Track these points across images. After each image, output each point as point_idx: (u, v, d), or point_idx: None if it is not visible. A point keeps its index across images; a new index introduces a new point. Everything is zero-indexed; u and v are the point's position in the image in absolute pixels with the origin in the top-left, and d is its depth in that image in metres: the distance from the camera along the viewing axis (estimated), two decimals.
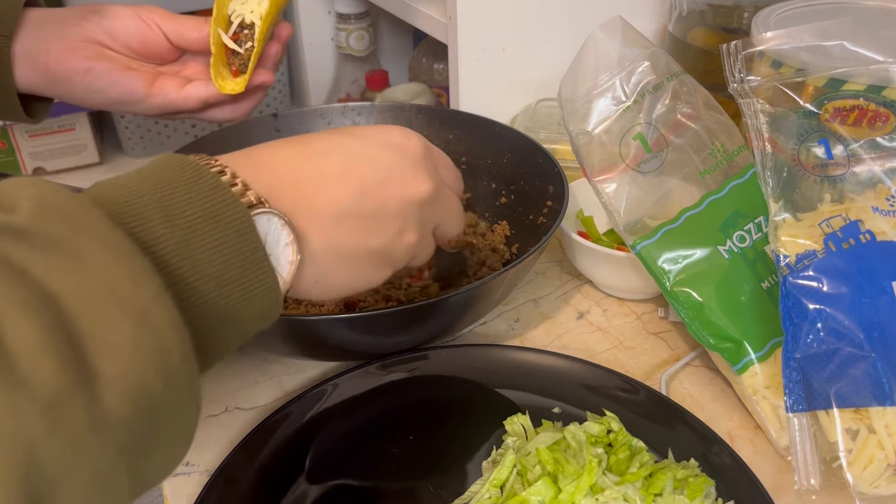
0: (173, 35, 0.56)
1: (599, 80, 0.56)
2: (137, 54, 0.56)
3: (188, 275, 0.27)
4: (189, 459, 0.50)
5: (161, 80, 0.55)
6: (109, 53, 0.54)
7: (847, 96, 0.49)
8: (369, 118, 0.75)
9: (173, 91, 0.55)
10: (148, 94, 0.54)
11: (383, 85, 1.08)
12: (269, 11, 0.55)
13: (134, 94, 0.54)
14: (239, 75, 0.56)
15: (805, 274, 0.45)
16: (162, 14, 0.56)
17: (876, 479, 0.42)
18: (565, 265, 0.69)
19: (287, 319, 0.49)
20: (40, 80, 0.53)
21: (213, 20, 0.55)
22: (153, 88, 0.54)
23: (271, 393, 0.56)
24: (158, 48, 0.56)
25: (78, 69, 0.53)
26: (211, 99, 0.56)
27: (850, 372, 0.43)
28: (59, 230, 0.24)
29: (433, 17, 0.78)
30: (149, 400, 0.23)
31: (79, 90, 0.54)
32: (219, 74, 0.55)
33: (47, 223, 0.24)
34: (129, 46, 0.55)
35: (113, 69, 0.53)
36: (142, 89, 0.54)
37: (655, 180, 0.56)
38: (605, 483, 0.41)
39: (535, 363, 0.53)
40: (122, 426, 0.23)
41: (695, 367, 0.57)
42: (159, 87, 0.55)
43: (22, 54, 0.52)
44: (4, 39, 0.51)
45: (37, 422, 0.20)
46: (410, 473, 0.48)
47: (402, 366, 0.53)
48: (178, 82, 0.55)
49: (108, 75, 0.53)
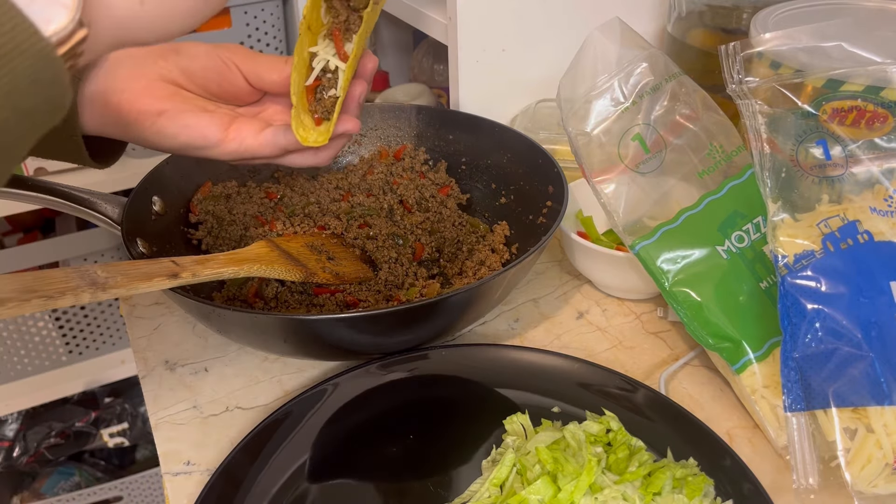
0: (252, 76, 0.52)
1: (598, 81, 0.56)
2: (215, 95, 0.53)
3: None
4: (190, 459, 0.50)
5: (237, 125, 0.51)
6: (185, 94, 0.51)
7: (845, 97, 0.49)
8: (369, 118, 0.76)
9: (250, 137, 0.51)
10: (223, 139, 0.50)
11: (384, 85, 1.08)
12: (354, 55, 0.49)
13: (208, 139, 0.50)
14: (322, 123, 0.51)
15: (803, 274, 0.46)
16: (242, 54, 0.52)
17: (874, 479, 0.43)
18: (565, 265, 0.69)
19: (287, 319, 0.50)
20: (112, 122, 0.50)
21: (294, 66, 0.50)
22: (229, 133, 0.50)
23: (271, 393, 0.56)
24: (237, 90, 0.52)
25: (150, 111, 0.49)
26: (290, 147, 0.51)
27: (849, 371, 0.43)
28: None
29: (433, 18, 0.78)
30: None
31: (150, 133, 0.50)
32: (300, 124, 0.50)
33: None
34: (206, 88, 0.52)
35: (186, 111, 0.50)
36: (217, 134, 0.50)
37: (654, 181, 0.56)
38: (605, 482, 0.42)
39: (535, 363, 0.53)
40: None
41: (694, 367, 0.57)
42: (235, 131, 0.50)
43: (95, 94, 0.49)
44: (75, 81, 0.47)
45: None
46: (410, 473, 0.48)
47: (402, 366, 0.53)
48: (256, 127, 0.51)
49: (182, 118, 0.49)
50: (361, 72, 0.52)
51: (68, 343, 1.23)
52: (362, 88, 0.52)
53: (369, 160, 0.75)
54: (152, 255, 0.58)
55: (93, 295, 0.40)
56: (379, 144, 0.76)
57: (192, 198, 0.67)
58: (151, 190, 0.63)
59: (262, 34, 1.08)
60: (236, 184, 0.70)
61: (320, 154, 0.53)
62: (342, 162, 0.76)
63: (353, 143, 0.76)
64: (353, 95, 0.52)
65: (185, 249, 0.64)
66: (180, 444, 0.52)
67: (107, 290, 0.41)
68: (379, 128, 0.76)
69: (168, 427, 0.53)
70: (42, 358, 1.22)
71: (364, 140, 0.76)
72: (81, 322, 1.22)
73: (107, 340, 1.27)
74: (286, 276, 0.53)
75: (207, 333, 0.62)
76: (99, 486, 1.32)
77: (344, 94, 0.50)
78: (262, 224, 0.66)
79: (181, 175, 0.66)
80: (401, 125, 0.76)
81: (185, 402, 0.55)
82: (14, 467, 1.34)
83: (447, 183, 0.72)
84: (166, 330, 0.62)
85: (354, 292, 0.59)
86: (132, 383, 1.40)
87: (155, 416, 0.54)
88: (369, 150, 0.76)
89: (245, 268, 0.50)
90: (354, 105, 0.52)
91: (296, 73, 0.50)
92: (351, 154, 0.76)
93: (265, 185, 0.71)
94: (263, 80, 0.52)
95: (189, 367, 0.58)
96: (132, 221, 0.58)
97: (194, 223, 0.66)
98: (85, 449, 1.38)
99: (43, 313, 1.17)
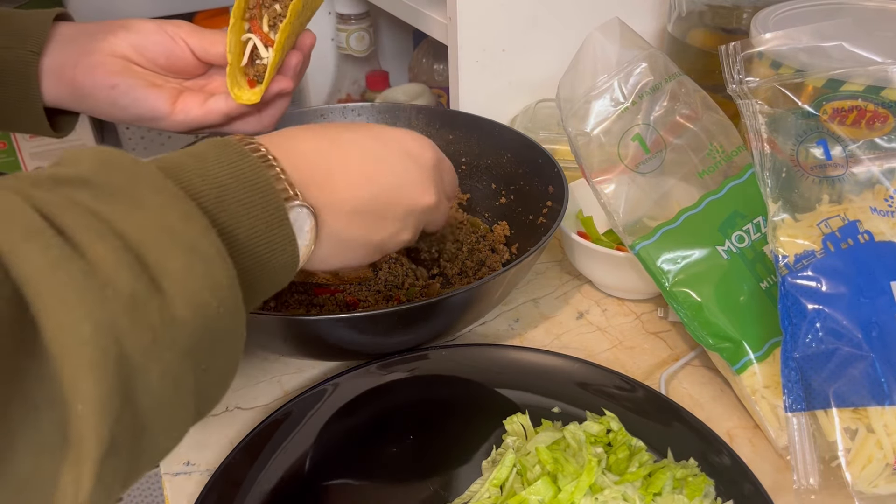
0: (199, 50, 0.56)
1: (598, 81, 0.56)
2: (163, 69, 0.56)
3: (225, 221, 0.32)
4: (189, 459, 0.50)
5: (184, 97, 0.55)
6: (135, 69, 0.54)
7: (846, 97, 0.49)
8: (369, 119, 0.75)
9: (195, 108, 0.55)
10: (171, 111, 0.54)
11: (383, 85, 1.08)
12: (287, 22, 0.53)
13: (156, 112, 0.54)
14: (256, 85, 0.55)
15: (804, 274, 0.45)
16: (188, 29, 0.56)
17: (875, 479, 0.43)
18: (565, 265, 0.69)
19: (287, 319, 0.49)
20: (67, 94, 0.53)
21: (230, 29, 0.54)
22: (176, 106, 0.54)
23: (271, 393, 0.56)
24: (184, 63, 0.56)
25: (103, 85, 0.53)
26: (233, 112, 0.55)
27: (849, 371, 0.43)
28: (118, 179, 0.28)
29: (433, 18, 0.78)
30: (206, 312, 0.27)
31: (103, 106, 0.54)
32: (235, 84, 0.54)
33: (108, 174, 0.28)
34: (155, 62, 0.55)
35: (137, 86, 0.53)
36: (165, 107, 0.54)
37: (654, 181, 0.56)
38: (605, 482, 0.42)
39: (535, 363, 0.53)
40: (187, 329, 0.27)
41: (694, 367, 0.57)
42: (182, 104, 0.54)
43: (50, 69, 0.53)
44: (33, 55, 0.52)
45: (122, 314, 0.24)
46: (410, 473, 0.48)
47: (402, 366, 0.53)
48: (201, 98, 0.55)
49: (132, 92, 0.53)
50: (300, 45, 0.57)
51: None
52: (298, 59, 0.56)
53: None
54: None
55: None
56: None
57: None
58: None
59: None
60: None
61: (263, 118, 0.57)
62: None
63: None
64: (289, 63, 0.56)
65: None
66: (180, 444, 0.52)
67: None
68: None
69: None
70: None
71: None
72: None
73: None
74: None
75: None
76: None
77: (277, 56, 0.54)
78: None
79: None
80: (401, 125, 0.75)
81: None
82: None
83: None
84: None
85: (354, 292, 0.59)
86: None
87: None
88: None
89: None
90: (290, 71, 0.56)
91: (231, 33, 0.54)
92: None
93: None
94: (209, 53, 0.55)
95: None
96: None
97: None
98: None
99: None
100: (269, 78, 0.54)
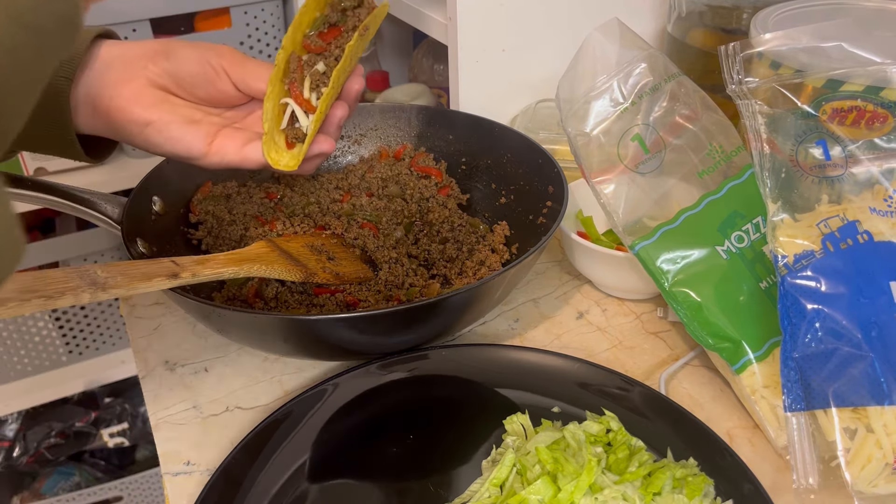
0: (240, 84, 0.53)
1: (597, 81, 0.56)
2: (202, 100, 0.53)
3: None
4: (190, 459, 0.50)
5: (221, 137, 0.52)
6: (173, 101, 0.52)
7: (845, 97, 0.49)
8: (370, 118, 0.76)
9: (232, 152, 0.52)
10: (206, 152, 0.51)
11: (383, 85, 1.08)
12: (330, 89, 0.49)
13: (191, 152, 0.51)
14: (295, 145, 0.51)
15: (803, 274, 0.46)
16: (230, 59, 0.52)
17: (874, 478, 0.43)
18: (565, 265, 0.69)
19: (287, 319, 0.50)
20: (103, 126, 0.51)
21: (267, 97, 0.51)
22: (212, 147, 0.51)
23: (271, 393, 0.56)
24: (224, 96, 0.53)
25: (138, 121, 0.50)
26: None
27: (849, 371, 0.43)
28: None
29: (433, 18, 0.78)
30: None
31: (138, 141, 0.51)
32: (272, 147, 0.51)
33: None
34: (194, 93, 0.53)
35: (173, 123, 0.51)
36: (200, 147, 0.51)
37: (654, 181, 0.56)
38: (605, 482, 0.42)
39: (535, 363, 0.53)
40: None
41: (694, 367, 0.57)
42: (218, 146, 0.52)
43: (85, 98, 0.50)
44: (66, 82, 0.48)
45: None
46: (410, 473, 0.48)
47: (402, 366, 0.53)
48: (239, 141, 0.52)
49: (167, 131, 0.51)
50: (346, 95, 0.53)
51: (68, 343, 1.23)
52: (343, 112, 0.53)
53: (369, 160, 0.75)
54: (152, 255, 0.58)
55: (93, 295, 0.40)
56: (379, 144, 0.76)
57: (192, 198, 0.67)
58: (151, 190, 0.63)
59: (262, 34, 1.08)
60: (236, 184, 0.70)
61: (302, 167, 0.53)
62: (342, 162, 0.76)
63: (353, 143, 0.76)
64: (333, 118, 0.53)
65: (185, 249, 0.64)
66: (180, 444, 0.52)
67: (107, 290, 0.41)
68: (379, 128, 0.76)
69: (168, 427, 0.53)
70: (42, 358, 1.22)
71: (364, 140, 0.76)
72: (81, 322, 1.22)
73: (107, 340, 1.27)
74: (286, 276, 0.53)
75: (207, 333, 0.62)
76: (99, 487, 1.32)
77: (318, 123, 0.51)
78: (263, 224, 0.66)
79: (181, 175, 0.66)
80: (401, 125, 0.76)
81: (185, 402, 0.55)
82: (14, 467, 1.34)
83: (447, 183, 0.72)
84: (166, 330, 0.62)
85: (354, 292, 0.59)
86: (132, 383, 1.40)
87: (155, 416, 0.54)
88: (369, 150, 0.76)
89: (245, 268, 0.50)
90: (333, 128, 0.53)
91: (269, 102, 0.51)
92: (351, 154, 0.76)
93: (265, 185, 0.71)
94: (251, 88, 0.53)
95: (189, 367, 0.58)
96: (132, 221, 0.58)
97: (194, 223, 0.66)
98: (85, 449, 1.38)
99: (43, 313, 1.17)
100: (309, 144, 0.51)
